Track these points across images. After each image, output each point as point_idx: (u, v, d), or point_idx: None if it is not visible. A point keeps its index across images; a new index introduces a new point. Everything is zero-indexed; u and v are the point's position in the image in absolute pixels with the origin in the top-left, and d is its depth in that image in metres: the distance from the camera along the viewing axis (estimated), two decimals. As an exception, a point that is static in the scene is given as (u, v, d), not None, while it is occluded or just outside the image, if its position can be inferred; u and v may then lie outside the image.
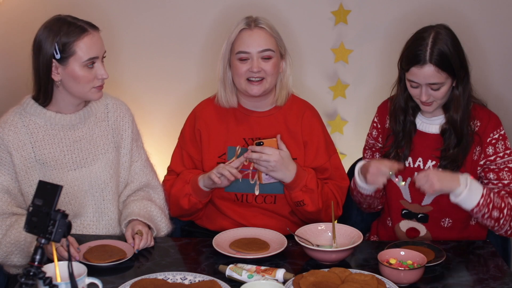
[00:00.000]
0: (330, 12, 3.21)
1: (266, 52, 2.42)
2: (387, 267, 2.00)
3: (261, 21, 2.45)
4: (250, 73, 2.41)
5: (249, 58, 2.41)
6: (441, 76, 2.27)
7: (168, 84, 3.33)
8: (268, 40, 2.43)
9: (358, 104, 3.32)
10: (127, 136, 2.47)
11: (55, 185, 1.62)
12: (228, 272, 2.03)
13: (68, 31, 2.24)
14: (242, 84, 2.44)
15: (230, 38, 2.45)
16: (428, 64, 2.26)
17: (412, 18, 3.03)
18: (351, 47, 3.24)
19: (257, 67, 2.40)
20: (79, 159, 2.36)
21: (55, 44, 2.23)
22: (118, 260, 2.10)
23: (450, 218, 2.42)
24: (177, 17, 3.25)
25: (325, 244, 2.22)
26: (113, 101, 2.48)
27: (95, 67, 2.28)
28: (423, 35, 2.30)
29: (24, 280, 1.58)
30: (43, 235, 1.60)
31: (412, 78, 2.31)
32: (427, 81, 2.28)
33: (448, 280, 2.04)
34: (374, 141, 2.56)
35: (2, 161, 2.29)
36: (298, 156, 2.49)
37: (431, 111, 2.38)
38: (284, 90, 2.51)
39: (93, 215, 2.40)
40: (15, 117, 2.32)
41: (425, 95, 2.31)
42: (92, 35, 2.27)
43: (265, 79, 2.43)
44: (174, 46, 3.28)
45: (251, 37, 2.42)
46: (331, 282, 1.93)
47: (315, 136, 2.53)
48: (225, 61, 2.48)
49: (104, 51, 2.32)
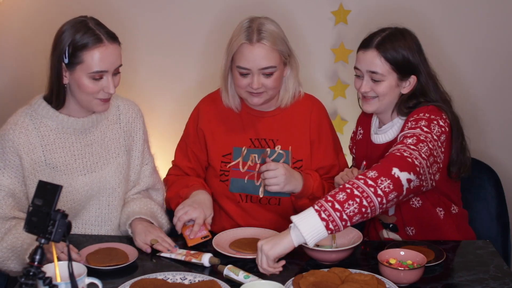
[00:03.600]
0: (330, 12, 3.21)
1: (267, 69, 2.33)
2: (387, 267, 2.00)
3: (263, 35, 2.31)
4: (250, 88, 2.36)
5: (250, 73, 2.34)
6: (382, 66, 2.24)
7: (169, 82, 3.33)
8: (270, 56, 2.32)
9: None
10: (138, 138, 2.44)
11: (55, 185, 1.62)
12: (226, 272, 2.03)
13: (82, 38, 2.17)
14: (242, 94, 2.41)
15: (231, 49, 2.36)
16: (373, 48, 2.25)
17: (413, 17, 3.03)
18: (351, 47, 3.24)
19: (258, 84, 2.34)
20: (89, 164, 2.33)
21: (66, 48, 2.17)
22: (116, 265, 2.09)
23: (411, 226, 2.39)
24: (179, 15, 3.24)
25: (325, 244, 2.22)
26: (124, 102, 2.44)
27: (103, 80, 2.20)
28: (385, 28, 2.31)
29: (24, 280, 1.58)
30: (43, 235, 1.60)
31: (356, 64, 2.31)
32: (367, 68, 2.26)
33: (448, 280, 2.04)
34: (350, 152, 2.60)
35: (11, 163, 2.23)
36: (304, 157, 2.46)
37: (370, 111, 2.34)
38: (288, 93, 2.46)
39: (95, 219, 2.39)
40: (26, 119, 2.26)
41: (365, 85, 2.28)
42: (106, 47, 2.18)
43: (266, 92, 2.38)
44: (176, 44, 3.28)
45: (251, 54, 2.31)
46: (331, 282, 1.93)
47: (324, 134, 2.50)
48: (227, 68, 2.41)
49: (118, 66, 2.23)
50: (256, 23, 2.34)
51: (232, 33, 2.39)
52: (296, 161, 2.46)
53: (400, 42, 2.26)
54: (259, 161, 2.45)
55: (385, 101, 2.30)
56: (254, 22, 2.35)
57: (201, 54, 3.28)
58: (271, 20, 2.39)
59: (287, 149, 2.45)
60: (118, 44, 2.23)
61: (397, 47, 2.25)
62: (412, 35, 2.33)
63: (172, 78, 3.33)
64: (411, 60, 2.27)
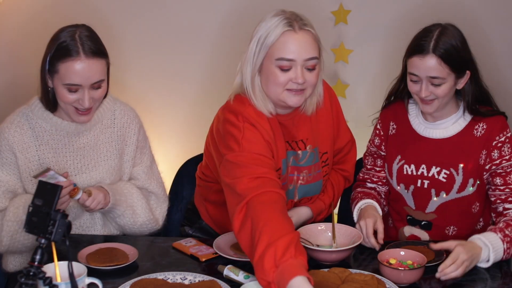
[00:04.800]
0: (330, 12, 3.20)
1: (312, 60, 2.09)
2: (387, 267, 2.00)
3: (305, 22, 2.10)
4: (292, 84, 2.10)
5: (293, 66, 2.08)
6: (443, 70, 2.18)
7: (173, 84, 3.32)
8: (314, 46, 2.10)
9: (358, 104, 3.31)
10: (131, 143, 2.44)
11: (55, 185, 1.62)
12: (226, 272, 2.03)
13: (61, 47, 2.18)
14: (279, 94, 2.12)
15: (267, 41, 2.08)
16: (431, 54, 2.17)
17: (413, 18, 3.03)
18: (351, 47, 3.24)
19: (302, 78, 2.08)
20: (80, 165, 2.35)
21: (49, 54, 2.20)
22: (116, 265, 2.09)
23: (455, 226, 2.39)
24: (182, 16, 3.23)
25: (325, 244, 2.22)
26: (121, 108, 2.44)
27: (79, 93, 2.19)
28: (431, 28, 2.24)
29: (24, 280, 1.58)
30: (43, 235, 1.60)
31: (412, 70, 2.23)
32: (427, 74, 2.20)
33: (448, 280, 2.04)
34: (376, 149, 2.51)
35: (8, 161, 2.29)
36: (328, 149, 2.36)
37: (431, 112, 2.30)
38: (315, 97, 2.23)
39: (88, 220, 2.40)
40: (22, 118, 2.31)
41: (425, 90, 2.22)
42: (81, 61, 2.16)
43: (306, 89, 2.13)
44: (179, 46, 3.27)
45: (297, 42, 2.06)
46: (331, 282, 1.93)
47: (341, 117, 2.44)
48: (255, 68, 2.12)
49: (96, 81, 2.19)
50: (289, 13, 2.12)
51: (256, 30, 2.13)
52: (322, 154, 2.36)
53: (451, 40, 2.20)
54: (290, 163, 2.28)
55: (445, 101, 2.27)
56: (286, 12, 2.12)
57: (201, 54, 3.28)
58: None
59: (315, 146, 2.33)
60: (100, 59, 2.20)
61: (451, 46, 2.19)
62: (458, 29, 2.26)
63: (175, 81, 3.32)
64: (464, 56, 2.23)
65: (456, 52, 2.20)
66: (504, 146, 2.28)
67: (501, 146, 2.28)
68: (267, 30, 2.09)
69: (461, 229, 2.38)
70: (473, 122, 2.31)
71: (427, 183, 2.35)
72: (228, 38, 2.42)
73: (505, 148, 2.28)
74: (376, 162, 2.53)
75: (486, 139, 2.29)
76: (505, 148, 2.28)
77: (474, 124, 2.31)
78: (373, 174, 2.53)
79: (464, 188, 2.31)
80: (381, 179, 2.52)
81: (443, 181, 2.33)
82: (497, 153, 2.28)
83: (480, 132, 2.30)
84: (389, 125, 2.46)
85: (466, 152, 2.30)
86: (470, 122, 2.32)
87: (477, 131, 2.30)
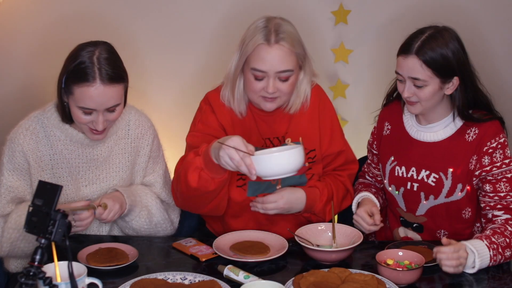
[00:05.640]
0: (330, 12, 3.21)
1: (285, 73, 2.21)
2: (385, 267, 2.00)
3: (281, 36, 2.19)
4: (264, 92, 2.23)
5: (265, 76, 2.21)
6: (424, 72, 2.16)
7: (170, 82, 3.32)
8: (288, 59, 2.21)
9: (358, 104, 3.32)
10: (143, 154, 2.41)
11: (55, 185, 1.62)
12: (226, 272, 2.03)
13: (77, 69, 2.12)
14: (255, 98, 2.28)
15: (245, 50, 2.22)
16: (413, 55, 2.16)
17: (412, 18, 3.03)
18: (351, 47, 3.24)
19: (273, 88, 2.21)
20: (91, 176, 2.33)
21: (65, 74, 2.15)
22: (116, 265, 2.09)
23: (445, 230, 2.38)
24: (181, 15, 3.24)
25: (325, 244, 2.22)
26: (136, 117, 2.40)
27: (93, 115, 2.17)
28: (423, 30, 2.22)
29: (24, 280, 1.58)
30: (43, 235, 1.60)
31: (397, 69, 2.23)
32: (409, 74, 2.19)
33: (447, 280, 2.04)
34: (370, 147, 2.55)
35: (20, 167, 2.26)
36: (316, 146, 2.39)
37: (415, 113, 2.29)
38: (299, 98, 2.35)
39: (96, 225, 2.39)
40: (37, 125, 2.27)
41: (407, 90, 2.21)
42: (95, 88, 2.11)
43: (280, 97, 2.26)
44: (178, 44, 3.27)
45: (269, 55, 2.18)
46: (331, 282, 1.93)
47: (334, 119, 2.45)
48: (237, 70, 2.27)
49: (111, 106, 2.16)
50: (273, 23, 2.22)
51: (245, 33, 2.26)
52: (309, 151, 2.39)
53: (440, 45, 2.17)
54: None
55: (429, 105, 2.25)
56: (271, 22, 2.23)
57: (200, 53, 3.28)
58: (287, 21, 2.28)
59: (297, 141, 2.36)
60: (116, 85, 2.15)
61: (437, 50, 2.16)
62: (453, 33, 2.22)
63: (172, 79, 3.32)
64: (452, 61, 2.18)
65: (441, 57, 2.17)
66: (495, 152, 2.24)
67: (492, 152, 2.24)
68: (248, 38, 2.22)
69: (452, 234, 2.35)
70: (465, 126, 2.28)
71: (416, 186, 2.34)
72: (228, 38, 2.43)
73: (496, 154, 2.24)
74: (373, 159, 2.55)
75: (477, 145, 2.25)
76: (497, 154, 2.24)
77: (466, 129, 2.28)
78: (370, 170, 2.57)
79: (452, 193, 2.30)
80: (376, 176, 2.54)
81: (432, 185, 2.31)
82: (488, 159, 2.24)
83: (472, 137, 2.27)
84: (384, 125, 2.47)
85: (456, 156, 2.28)
86: (462, 127, 2.28)
87: (468, 136, 2.27)
